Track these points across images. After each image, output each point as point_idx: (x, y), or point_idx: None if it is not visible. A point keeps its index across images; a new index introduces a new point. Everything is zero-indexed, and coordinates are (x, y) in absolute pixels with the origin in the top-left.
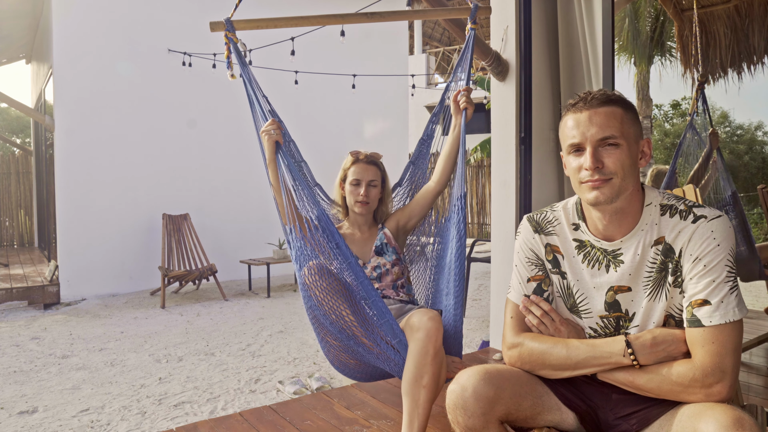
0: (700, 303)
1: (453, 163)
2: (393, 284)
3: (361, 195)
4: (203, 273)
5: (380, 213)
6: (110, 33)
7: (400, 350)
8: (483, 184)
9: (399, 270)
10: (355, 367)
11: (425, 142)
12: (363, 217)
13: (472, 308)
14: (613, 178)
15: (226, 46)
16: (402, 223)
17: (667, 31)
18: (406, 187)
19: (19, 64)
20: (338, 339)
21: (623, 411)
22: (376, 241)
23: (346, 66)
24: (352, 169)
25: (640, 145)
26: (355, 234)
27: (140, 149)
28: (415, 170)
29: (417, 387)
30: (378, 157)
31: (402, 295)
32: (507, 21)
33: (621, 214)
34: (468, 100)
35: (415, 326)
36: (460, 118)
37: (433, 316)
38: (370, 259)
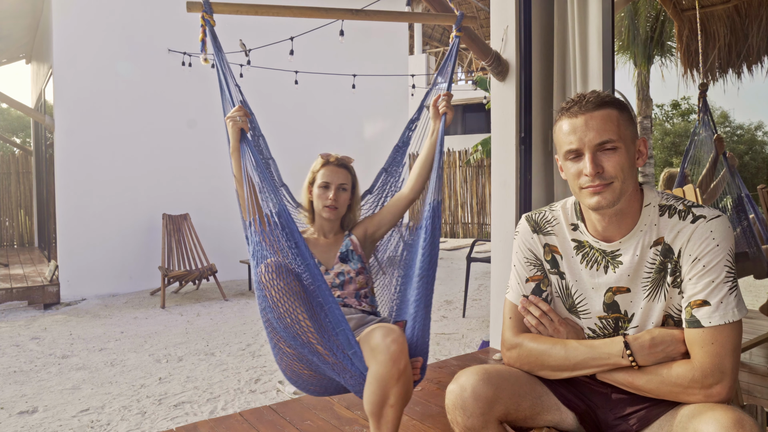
0: (700, 303)
1: (429, 169)
2: (356, 293)
3: (330, 199)
4: (203, 273)
5: (347, 220)
6: (110, 33)
7: (355, 362)
8: (483, 184)
9: (363, 279)
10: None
11: (400, 150)
12: (330, 222)
13: (472, 308)
14: (614, 182)
15: (202, 28)
16: (371, 231)
17: (667, 31)
18: (377, 195)
19: (19, 64)
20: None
21: (623, 411)
22: (342, 247)
23: (346, 66)
24: (321, 171)
25: (636, 145)
26: (320, 239)
27: (140, 149)
28: (387, 177)
29: (384, 407)
30: (349, 160)
31: (364, 305)
32: (507, 21)
33: (620, 215)
34: (448, 104)
35: (376, 348)
36: (438, 123)
37: (396, 338)
38: (334, 265)
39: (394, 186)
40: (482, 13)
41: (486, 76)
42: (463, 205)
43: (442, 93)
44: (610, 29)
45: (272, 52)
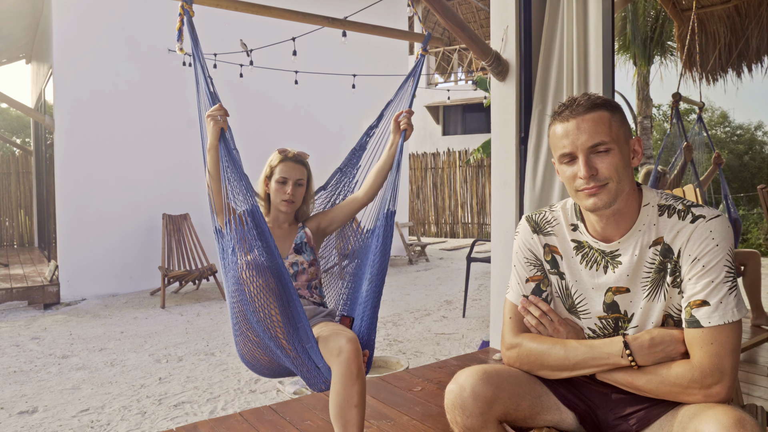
0: (699, 303)
1: (383, 178)
2: (308, 284)
3: (288, 194)
4: (203, 273)
5: (301, 212)
6: (110, 33)
7: (312, 355)
8: (483, 184)
9: (314, 270)
10: (267, 365)
11: (356, 153)
12: (285, 214)
13: (472, 308)
14: (608, 183)
15: (180, 18)
16: (323, 226)
17: (667, 31)
18: (330, 192)
19: (19, 64)
20: (259, 336)
21: (623, 411)
22: (296, 238)
23: (346, 66)
24: (279, 167)
25: (630, 145)
26: (275, 229)
27: (140, 149)
28: (341, 177)
29: (348, 408)
30: (305, 156)
31: (315, 296)
32: (507, 21)
33: (618, 216)
34: (408, 121)
35: (334, 350)
36: (398, 138)
37: (351, 338)
38: (288, 255)
39: (347, 186)
40: (482, 13)
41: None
42: (463, 205)
43: (404, 110)
44: (610, 29)
45: (272, 52)
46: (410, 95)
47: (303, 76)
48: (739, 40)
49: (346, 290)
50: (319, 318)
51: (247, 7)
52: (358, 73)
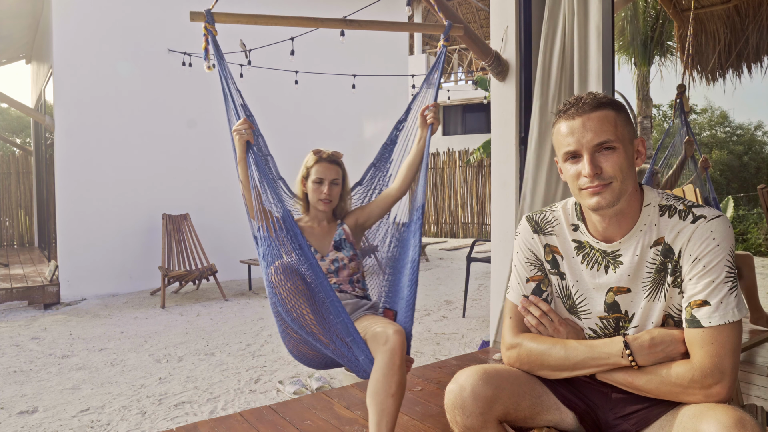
0: (700, 303)
1: (414, 172)
2: (349, 279)
3: (324, 193)
4: (203, 273)
5: (339, 209)
6: (110, 33)
7: (353, 347)
8: (483, 184)
9: (355, 265)
10: (313, 357)
11: (388, 147)
12: (323, 213)
13: (472, 308)
14: (612, 182)
15: (204, 38)
16: (361, 221)
17: (667, 31)
18: (366, 187)
19: (19, 64)
20: (298, 333)
21: (623, 411)
22: (335, 236)
23: (346, 66)
24: (315, 167)
25: (635, 145)
26: (315, 228)
27: (140, 149)
28: (375, 172)
29: (385, 396)
30: (339, 156)
31: (357, 290)
32: (507, 21)
33: (620, 216)
34: (435, 115)
35: (381, 339)
36: (426, 132)
37: (398, 329)
38: (329, 252)
39: (381, 180)
40: (482, 13)
41: (486, 76)
42: (463, 205)
43: (429, 104)
44: (610, 29)
45: (272, 53)
46: (435, 88)
47: (303, 76)
48: (739, 40)
49: (387, 283)
50: (362, 311)
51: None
52: (358, 73)
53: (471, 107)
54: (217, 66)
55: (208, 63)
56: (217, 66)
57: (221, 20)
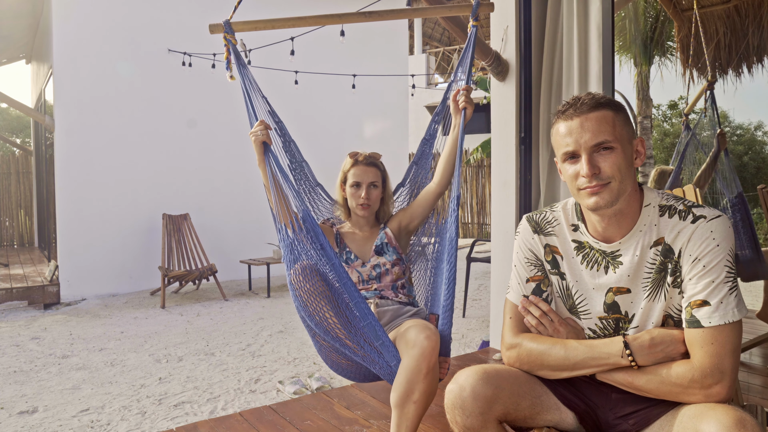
0: (700, 304)
1: (452, 163)
2: (392, 285)
3: (362, 197)
4: (203, 273)
5: (382, 213)
6: (110, 33)
7: (383, 352)
8: (483, 184)
9: (399, 270)
10: (347, 367)
11: (427, 142)
12: (365, 218)
13: (472, 308)
14: (611, 182)
15: (226, 48)
16: (404, 223)
17: (667, 31)
18: (409, 187)
19: (19, 64)
20: (326, 339)
21: (623, 411)
22: (377, 240)
23: (346, 66)
24: (352, 171)
25: (634, 145)
26: (356, 233)
27: (140, 149)
28: (417, 170)
29: (407, 401)
30: (377, 157)
31: (401, 296)
32: (507, 21)
33: (620, 216)
34: (467, 99)
35: (410, 342)
36: (459, 118)
37: (430, 335)
38: (370, 258)
39: (424, 178)
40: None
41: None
42: (463, 205)
43: (461, 88)
44: (610, 29)
45: (272, 52)
46: (466, 72)
47: (303, 76)
48: (739, 40)
49: (430, 286)
50: (404, 318)
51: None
52: (358, 73)
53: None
54: (239, 76)
55: (230, 72)
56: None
57: (239, 29)
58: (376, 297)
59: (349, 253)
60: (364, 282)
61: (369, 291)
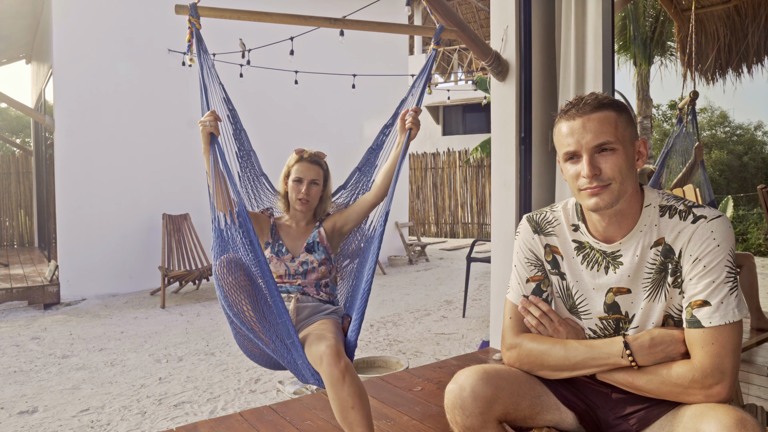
0: (700, 304)
1: (390, 179)
2: (316, 283)
3: (302, 193)
4: (203, 273)
5: (319, 211)
6: (110, 33)
7: (291, 350)
8: (483, 184)
9: (326, 269)
10: (259, 356)
11: (374, 152)
12: (302, 213)
13: (472, 308)
14: (611, 184)
15: (189, 31)
16: (339, 225)
17: (667, 31)
18: (350, 191)
19: (19, 64)
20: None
21: (623, 411)
22: (309, 238)
23: (346, 66)
24: (295, 167)
25: (636, 147)
26: (292, 227)
27: (140, 149)
28: (360, 176)
29: (346, 412)
30: (322, 156)
31: (323, 294)
32: (507, 21)
33: (620, 216)
34: (415, 120)
35: (317, 358)
36: (403, 137)
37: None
38: (300, 254)
39: (365, 185)
40: (482, 13)
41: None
42: (463, 205)
43: (410, 108)
44: (609, 29)
45: (272, 52)
46: (418, 92)
47: (303, 76)
48: (739, 40)
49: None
50: (320, 315)
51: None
52: (358, 73)
53: (471, 107)
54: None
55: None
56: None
57: (205, 14)
58: (298, 293)
59: (281, 245)
60: (290, 276)
61: (293, 285)
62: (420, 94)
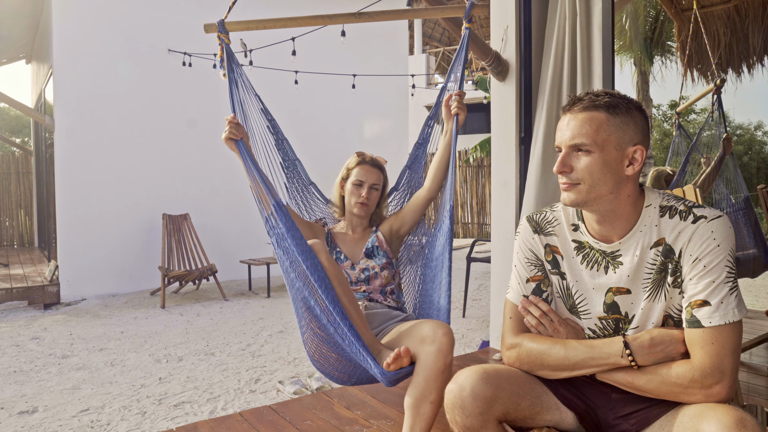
0: (700, 304)
1: (445, 169)
2: (382, 289)
3: (363, 196)
4: (203, 273)
5: (376, 216)
6: (110, 33)
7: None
8: (483, 184)
9: (389, 274)
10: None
11: (421, 146)
12: (359, 218)
13: (472, 308)
14: (579, 184)
15: (220, 47)
16: (396, 228)
17: (667, 31)
18: (403, 191)
19: (19, 64)
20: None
21: (623, 410)
22: (368, 243)
23: (346, 66)
24: (356, 169)
25: (626, 152)
26: (348, 234)
27: (140, 149)
28: (411, 174)
29: (424, 402)
30: (383, 162)
31: (390, 300)
32: (507, 21)
33: (612, 216)
34: (460, 104)
35: (428, 338)
36: (451, 124)
37: (447, 331)
38: (360, 260)
39: (417, 182)
40: (482, 12)
41: (486, 76)
42: (463, 205)
43: (453, 93)
44: (610, 29)
45: (272, 52)
46: (459, 77)
47: (303, 76)
48: (739, 40)
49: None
50: (394, 323)
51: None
52: (358, 73)
53: (471, 107)
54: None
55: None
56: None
57: (233, 29)
58: (365, 299)
59: (339, 253)
60: (353, 284)
61: (358, 293)
62: (461, 78)
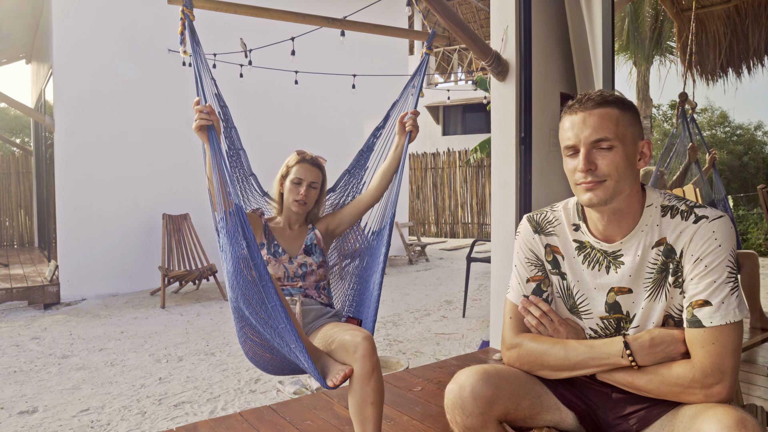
0: (701, 303)
1: (389, 180)
2: (316, 285)
3: (301, 194)
4: (203, 273)
5: (312, 214)
6: (110, 33)
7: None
8: (483, 184)
9: (323, 272)
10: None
11: (364, 154)
12: (297, 215)
13: (472, 308)
14: (606, 180)
15: (181, 22)
16: (331, 227)
17: (667, 31)
18: (339, 194)
19: (19, 64)
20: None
21: (623, 411)
22: (306, 240)
23: (346, 66)
24: (296, 167)
25: (638, 147)
26: (286, 230)
27: (140, 149)
28: (350, 179)
29: (365, 406)
30: (323, 161)
31: (323, 297)
32: (507, 21)
33: (620, 215)
34: (414, 123)
35: (350, 347)
36: (403, 140)
37: (366, 335)
38: (298, 255)
39: (355, 188)
40: (482, 13)
41: (486, 76)
42: (463, 205)
43: (410, 111)
44: (610, 29)
45: (272, 52)
46: (415, 95)
47: (303, 76)
48: (739, 40)
49: (352, 291)
50: (326, 318)
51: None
52: (358, 73)
53: (471, 107)
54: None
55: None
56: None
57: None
58: (301, 295)
59: (277, 246)
60: (290, 278)
61: (294, 288)
62: (416, 97)
